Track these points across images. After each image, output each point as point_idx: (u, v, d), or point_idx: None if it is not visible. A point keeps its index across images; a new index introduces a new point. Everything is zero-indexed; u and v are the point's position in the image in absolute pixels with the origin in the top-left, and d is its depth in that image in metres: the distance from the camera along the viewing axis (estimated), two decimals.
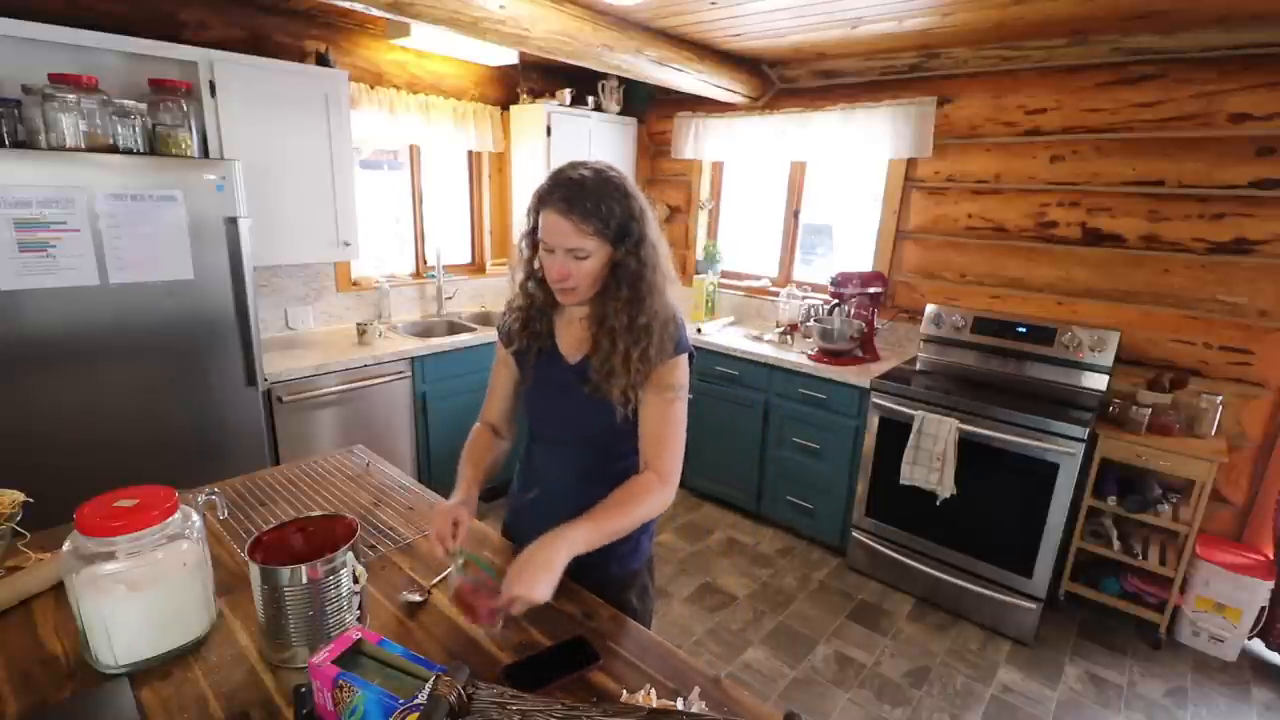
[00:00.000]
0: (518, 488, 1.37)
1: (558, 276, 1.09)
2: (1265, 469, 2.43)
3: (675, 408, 1.15)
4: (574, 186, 1.05)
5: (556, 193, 1.05)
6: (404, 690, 0.75)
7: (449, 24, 2.01)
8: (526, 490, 1.32)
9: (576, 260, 1.07)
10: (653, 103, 3.90)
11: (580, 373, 1.17)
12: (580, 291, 1.11)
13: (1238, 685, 2.29)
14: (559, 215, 1.05)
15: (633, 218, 1.08)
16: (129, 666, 0.93)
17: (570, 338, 1.21)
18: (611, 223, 1.06)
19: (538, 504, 1.27)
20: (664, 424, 1.14)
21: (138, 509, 0.93)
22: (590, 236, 1.05)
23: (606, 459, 1.21)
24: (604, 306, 1.12)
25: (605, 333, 1.12)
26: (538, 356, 1.23)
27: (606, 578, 1.23)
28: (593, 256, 1.07)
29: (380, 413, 2.81)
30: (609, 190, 1.07)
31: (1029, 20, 2.33)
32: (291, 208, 2.58)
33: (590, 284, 1.10)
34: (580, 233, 1.05)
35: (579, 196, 1.04)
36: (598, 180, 1.07)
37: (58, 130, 1.88)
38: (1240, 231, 2.36)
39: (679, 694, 0.90)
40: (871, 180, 3.25)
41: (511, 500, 1.40)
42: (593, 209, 1.04)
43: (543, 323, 1.23)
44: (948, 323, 2.91)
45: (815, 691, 2.19)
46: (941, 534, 2.60)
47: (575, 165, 1.09)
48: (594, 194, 1.05)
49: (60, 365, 1.93)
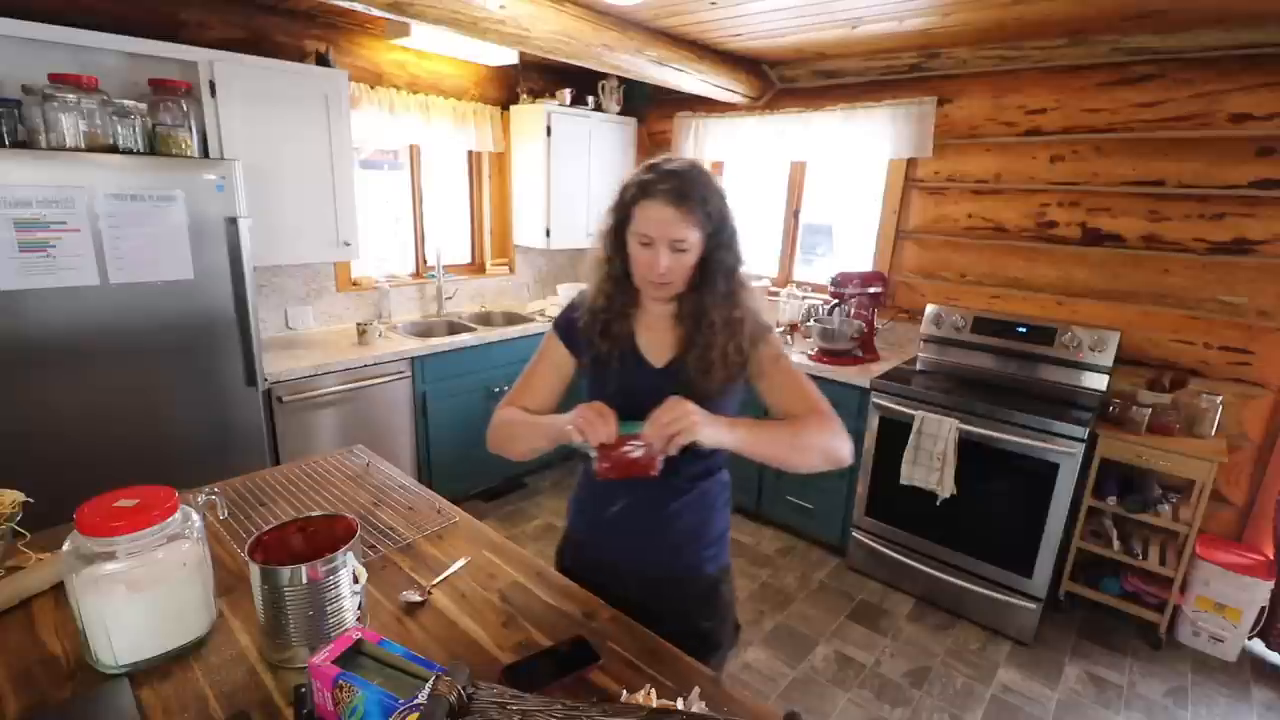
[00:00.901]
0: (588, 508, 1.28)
1: (659, 270, 1.05)
2: (1265, 469, 2.43)
3: (795, 370, 1.17)
4: (678, 177, 1.04)
5: (664, 183, 1.03)
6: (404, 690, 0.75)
7: (449, 24, 2.01)
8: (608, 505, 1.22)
9: (676, 253, 1.05)
10: (653, 103, 3.90)
11: (670, 375, 1.14)
12: (675, 286, 1.09)
13: (1238, 685, 2.29)
14: (667, 205, 1.03)
15: (727, 211, 1.09)
16: (129, 666, 0.93)
17: (655, 340, 1.17)
18: (712, 214, 1.06)
19: (624, 516, 1.21)
20: (794, 381, 1.16)
21: (138, 509, 0.93)
22: (694, 228, 1.04)
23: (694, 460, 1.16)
24: (699, 302, 1.10)
25: (703, 328, 1.11)
26: (619, 363, 1.17)
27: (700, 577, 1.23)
28: (692, 250, 1.06)
29: (380, 413, 2.81)
30: (706, 181, 1.06)
31: (1029, 20, 2.33)
32: (291, 208, 2.58)
33: (685, 278, 1.09)
34: (686, 223, 1.03)
35: (687, 186, 1.03)
36: (695, 171, 1.06)
37: (58, 130, 1.88)
38: (1240, 231, 2.36)
39: (679, 694, 0.90)
40: (871, 180, 3.25)
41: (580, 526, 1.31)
42: (699, 200, 1.03)
43: (622, 326, 1.17)
44: (948, 323, 2.91)
45: (815, 691, 2.19)
46: (941, 534, 2.60)
47: (667, 159, 1.08)
48: (697, 184, 1.04)
49: (60, 365, 1.93)
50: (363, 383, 2.71)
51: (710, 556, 1.24)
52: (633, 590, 1.20)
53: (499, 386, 3.21)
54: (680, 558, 1.22)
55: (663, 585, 1.21)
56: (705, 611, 1.23)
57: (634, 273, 1.11)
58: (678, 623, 1.17)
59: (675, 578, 1.22)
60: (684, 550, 1.22)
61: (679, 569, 1.22)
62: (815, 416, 1.12)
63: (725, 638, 1.27)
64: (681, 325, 1.14)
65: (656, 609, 1.17)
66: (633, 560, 1.23)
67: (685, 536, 1.21)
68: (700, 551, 1.22)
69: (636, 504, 1.20)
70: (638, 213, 1.06)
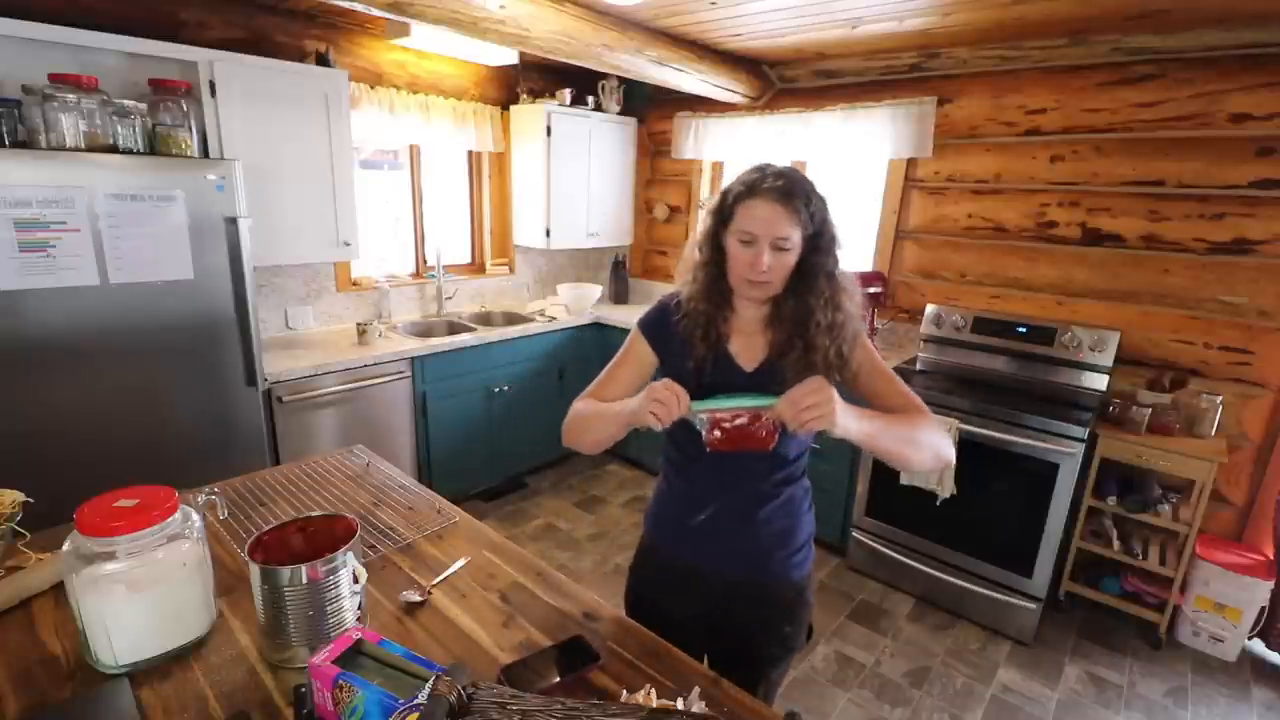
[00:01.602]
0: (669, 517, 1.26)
1: (761, 267, 1.06)
2: (1265, 469, 2.43)
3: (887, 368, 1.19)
4: (786, 177, 1.06)
5: (769, 181, 1.05)
6: (404, 690, 0.75)
7: (449, 24, 2.01)
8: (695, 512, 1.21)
9: (778, 252, 1.06)
10: (653, 103, 3.90)
11: (759, 379, 1.14)
12: (773, 286, 1.10)
13: (1238, 685, 2.29)
14: (774, 202, 1.04)
15: (828, 216, 1.09)
16: (129, 666, 0.93)
17: (746, 344, 1.18)
18: (815, 216, 1.07)
19: (711, 523, 1.20)
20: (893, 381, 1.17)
21: (138, 509, 0.93)
22: (796, 227, 1.05)
23: (785, 465, 1.19)
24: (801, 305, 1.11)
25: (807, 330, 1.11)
26: (712, 366, 1.16)
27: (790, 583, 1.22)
28: (793, 251, 1.07)
29: (380, 413, 2.81)
30: (810, 185, 1.08)
31: (1029, 20, 2.33)
32: (291, 208, 2.58)
33: (783, 278, 1.09)
34: (790, 221, 1.04)
35: (793, 186, 1.05)
36: (800, 175, 1.09)
37: (58, 130, 1.88)
38: (1240, 231, 2.36)
39: (679, 694, 0.90)
40: (871, 180, 3.25)
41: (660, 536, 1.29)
42: (803, 199, 1.05)
43: (714, 330, 1.17)
44: (948, 323, 2.91)
45: (815, 691, 2.19)
46: (941, 534, 2.60)
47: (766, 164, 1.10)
48: (802, 185, 1.07)
49: (60, 365, 1.93)
50: (363, 383, 2.71)
51: (797, 563, 1.23)
52: (715, 594, 1.21)
53: (499, 386, 3.21)
54: (768, 564, 1.21)
55: (747, 589, 1.21)
56: (788, 617, 1.23)
57: (731, 273, 1.12)
58: (759, 626, 1.20)
59: (761, 583, 1.21)
60: (772, 557, 1.21)
61: (765, 575, 1.21)
62: (923, 415, 1.14)
63: (801, 642, 1.27)
64: (774, 328, 1.15)
65: (739, 613, 1.20)
66: (716, 565, 1.21)
67: (773, 543, 1.20)
68: (788, 559, 1.21)
69: (725, 511, 1.19)
70: (741, 211, 1.07)
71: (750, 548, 1.20)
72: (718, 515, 1.19)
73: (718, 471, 1.19)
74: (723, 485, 1.20)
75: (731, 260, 1.11)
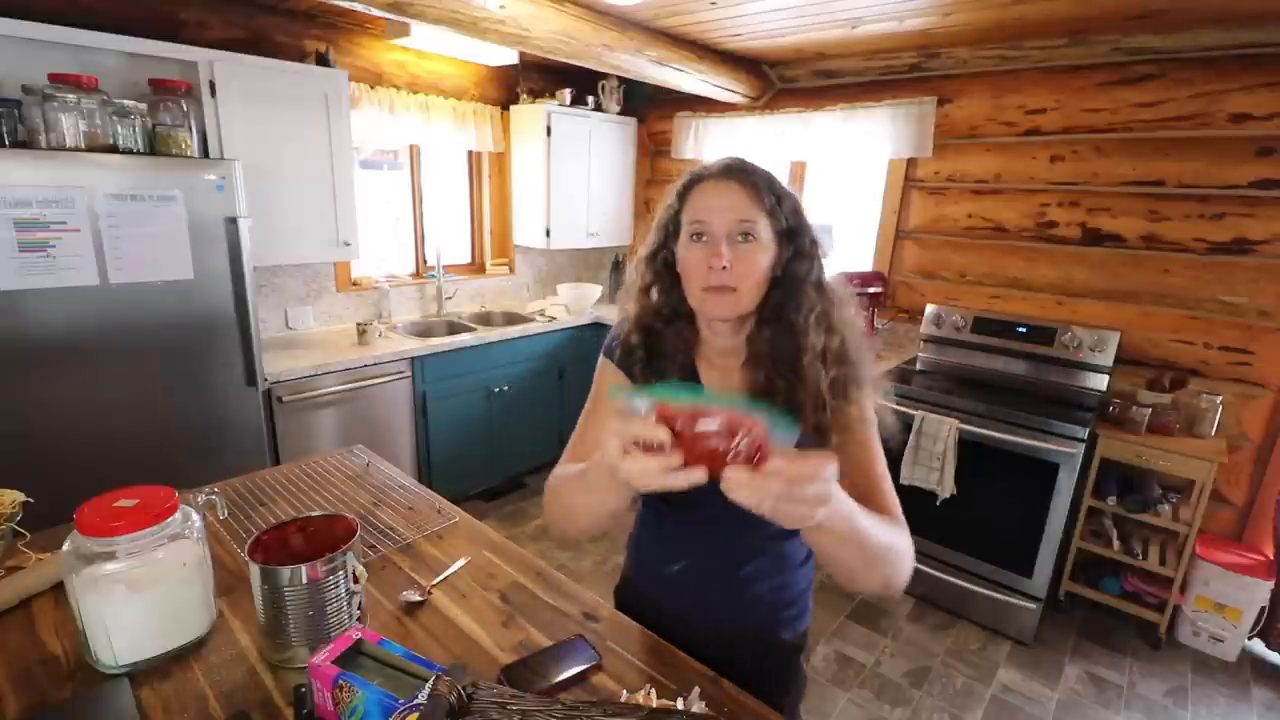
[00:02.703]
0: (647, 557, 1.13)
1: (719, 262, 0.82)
2: (1265, 469, 2.43)
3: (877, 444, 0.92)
4: (739, 160, 0.87)
5: (717, 165, 0.87)
6: (404, 690, 0.75)
7: (449, 24, 2.01)
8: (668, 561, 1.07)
9: (742, 244, 0.82)
10: (653, 103, 3.90)
11: None
12: (741, 293, 0.84)
13: (1238, 685, 2.29)
14: (728, 180, 0.84)
15: (804, 214, 0.88)
16: (129, 666, 0.93)
17: (718, 378, 0.95)
18: (785, 208, 0.85)
19: (687, 575, 1.06)
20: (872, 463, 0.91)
21: (138, 509, 0.93)
22: (762, 214, 0.83)
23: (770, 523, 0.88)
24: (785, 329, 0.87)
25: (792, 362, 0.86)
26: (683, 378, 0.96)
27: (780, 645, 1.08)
28: (762, 246, 0.83)
29: (380, 413, 2.81)
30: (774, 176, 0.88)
31: (1029, 20, 2.33)
32: (291, 208, 2.58)
33: (755, 285, 0.85)
34: (754, 204, 0.82)
35: (749, 167, 0.86)
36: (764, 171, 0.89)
37: (58, 130, 1.88)
38: (1240, 231, 2.36)
39: (679, 694, 0.90)
40: (871, 180, 3.25)
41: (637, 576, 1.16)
42: (765, 184, 0.85)
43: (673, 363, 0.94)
44: (948, 323, 2.91)
45: (815, 691, 2.19)
46: (941, 534, 2.60)
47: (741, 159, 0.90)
48: (762, 171, 0.87)
49: (60, 365, 1.93)
50: (363, 383, 2.71)
51: (789, 620, 1.07)
52: (703, 644, 1.03)
53: (499, 386, 3.21)
54: (754, 620, 1.06)
55: (737, 644, 1.05)
56: (780, 681, 1.08)
57: (687, 287, 0.88)
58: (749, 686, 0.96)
59: (749, 639, 1.06)
60: (758, 612, 1.05)
61: (754, 631, 1.06)
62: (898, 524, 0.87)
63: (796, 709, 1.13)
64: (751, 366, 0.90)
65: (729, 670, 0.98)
66: (701, 615, 1.06)
67: (761, 600, 1.04)
68: (778, 614, 1.06)
69: (702, 564, 1.03)
70: (690, 201, 0.87)
71: (734, 603, 1.04)
72: (693, 569, 1.04)
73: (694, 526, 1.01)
74: (699, 540, 1.02)
75: (684, 267, 0.88)
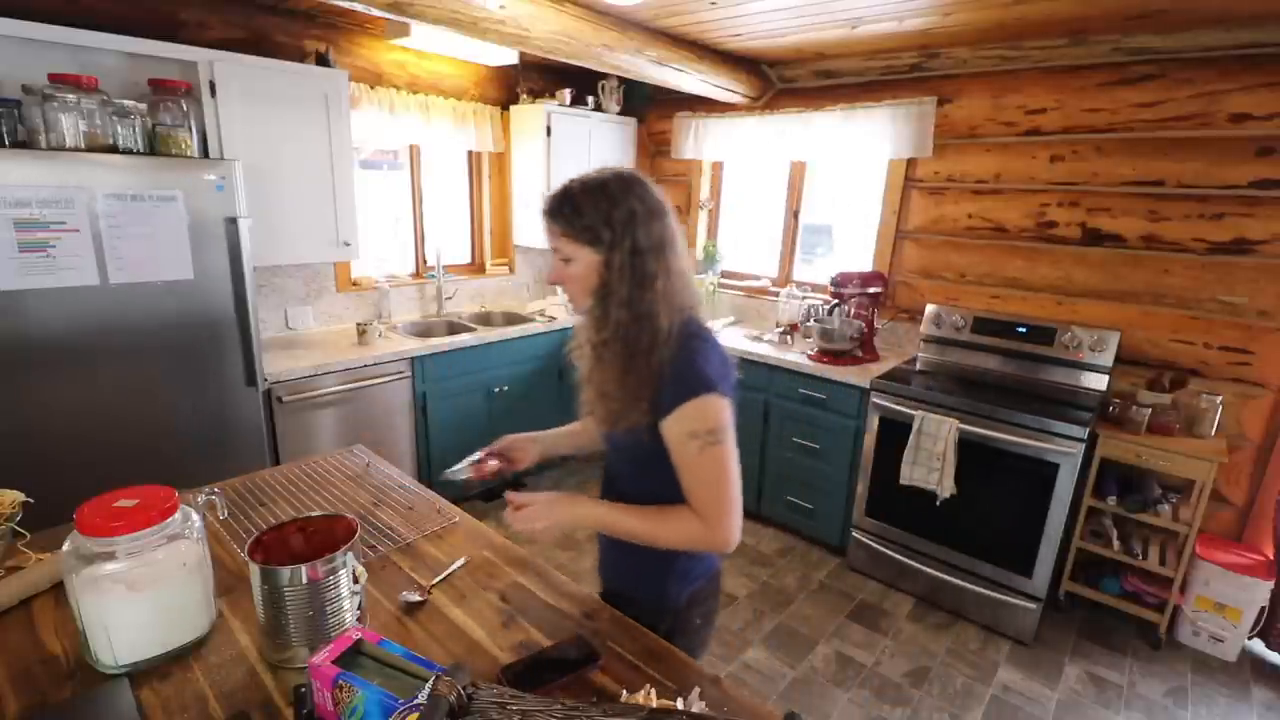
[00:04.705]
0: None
1: (551, 280, 1.10)
2: (1265, 469, 2.43)
3: (707, 459, 1.00)
4: (564, 187, 1.05)
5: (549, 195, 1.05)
6: (404, 690, 0.75)
7: (449, 24, 2.01)
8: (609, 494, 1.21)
9: (563, 263, 1.06)
10: (653, 103, 3.90)
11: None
12: (575, 297, 1.09)
13: (1238, 685, 2.29)
14: (544, 218, 1.06)
15: (608, 222, 1.00)
16: (129, 666, 0.93)
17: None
18: (580, 224, 1.01)
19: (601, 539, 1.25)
20: (696, 479, 1.01)
21: (138, 509, 0.93)
22: (561, 237, 1.04)
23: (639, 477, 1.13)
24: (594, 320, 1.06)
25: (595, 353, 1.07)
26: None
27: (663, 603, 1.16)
28: (576, 262, 1.04)
29: (380, 413, 2.81)
30: (592, 192, 1.02)
31: (1029, 20, 2.33)
32: (291, 208, 2.58)
33: (581, 291, 1.06)
34: (552, 233, 1.05)
35: (558, 197, 1.04)
36: (590, 181, 1.03)
37: (58, 130, 1.88)
38: (1240, 231, 2.36)
39: (679, 694, 0.90)
40: (871, 180, 3.25)
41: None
42: (570, 212, 1.02)
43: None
44: (948, 323, 2.91)
45: (815, 691, 2.19)
46: (941, 534, 2.60)
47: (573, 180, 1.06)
48: (576, 196, 1.02)
49: (60, 365, 1.93)
50: (363, 383, 2.71)
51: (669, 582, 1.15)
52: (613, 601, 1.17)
53: (499, 386, 3.21)
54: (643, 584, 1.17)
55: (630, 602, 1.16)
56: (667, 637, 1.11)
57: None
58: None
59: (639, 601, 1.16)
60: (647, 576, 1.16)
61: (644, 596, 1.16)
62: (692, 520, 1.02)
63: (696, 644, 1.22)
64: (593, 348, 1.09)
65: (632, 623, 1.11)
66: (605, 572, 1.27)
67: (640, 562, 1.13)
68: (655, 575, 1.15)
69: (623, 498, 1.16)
70: None
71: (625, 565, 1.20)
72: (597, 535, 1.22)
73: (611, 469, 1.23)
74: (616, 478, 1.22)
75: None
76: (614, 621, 1.10)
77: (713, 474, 1.01)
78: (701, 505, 1.01)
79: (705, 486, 1.01)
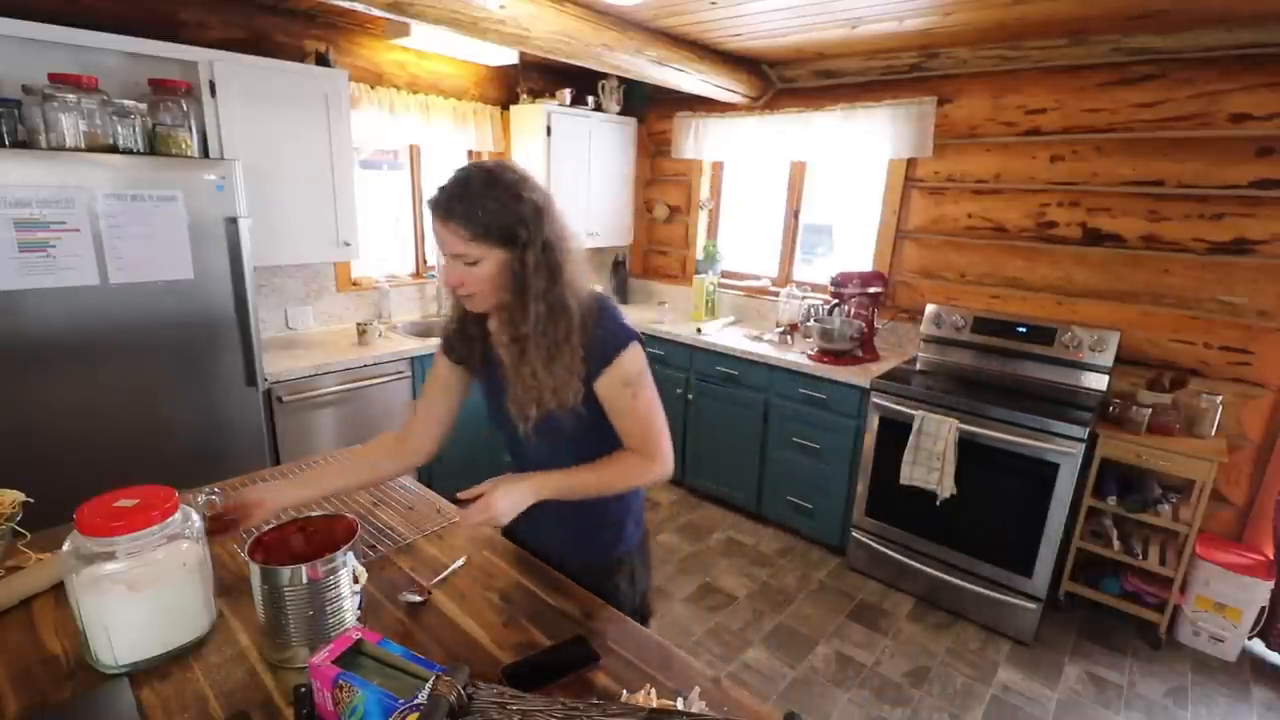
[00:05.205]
0: None
1: (451, 284, 1.05)
2: (1265, 469, 2.43)
3: (640, 401, 1.11)
4: (454, 189, 1.00)
5: (436, 197, 1.00)
6: (404, 690, 0.75)
7: (449, 24, 2.01)
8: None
9: (466, 267, 1.02)
10: (653, 103, 3.90)
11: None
12: (480, 299, 1.06)
13: (1238, 685, 2.29)
14: (438, 222, 1.00)
15: (521, 220, 1.00)
16: (129, 666, 0.93)
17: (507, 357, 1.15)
18: (493, 226, 0.99)
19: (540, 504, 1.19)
20: (634, 420, 1.11)
21: (138, 509, 0.93)
22: (470, 242, 0.99)
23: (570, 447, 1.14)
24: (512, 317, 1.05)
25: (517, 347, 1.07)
26: (484, 362, 1.19)
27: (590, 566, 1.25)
28: (484, 262, 1.01)
29: (380, 413, 2.81)
30: (493, 191, 0.99)
31: (1030, 20, 2.33)
32: (291, 208, 2.58)
33: (489, 290, 1.04)
34: (458, 238, 0.99)
35: (456, 201, 0.99)
36: (483, 180, 1.00)
37: (58, 130, 1.88)
38: (1240, 231, 2.36)
39: (679, 694, 0.90)
40: (871, 180, 3.25)
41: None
42: (469, 213, 0.98)
43: (477, 328, 1.17)
44: (948, 323, 2.91)
45: (815, 691, 2.19)
46: (941, 534, 2.60)
47: (468, 165, 1.03)
48: (474, 197, 0.99)
49: (60, 365, 1.93)
50: (362, 383, 2.71)
51: (602, 543, 1.25)
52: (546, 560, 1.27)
53: None
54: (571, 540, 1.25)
55: (565, 562, 1.26)
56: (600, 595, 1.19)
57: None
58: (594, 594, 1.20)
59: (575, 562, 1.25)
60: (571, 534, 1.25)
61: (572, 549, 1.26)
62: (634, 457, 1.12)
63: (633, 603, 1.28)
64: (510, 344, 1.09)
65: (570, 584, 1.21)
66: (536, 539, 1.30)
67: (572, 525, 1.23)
68: (589, 538, 1.25)
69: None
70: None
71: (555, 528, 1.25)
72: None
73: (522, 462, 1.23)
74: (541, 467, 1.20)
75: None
76: (614, 621, 1.10)
77: (646, 413, 1.12)
78: (640, 443, 1.12)
79: (641, 425, 1.11)
